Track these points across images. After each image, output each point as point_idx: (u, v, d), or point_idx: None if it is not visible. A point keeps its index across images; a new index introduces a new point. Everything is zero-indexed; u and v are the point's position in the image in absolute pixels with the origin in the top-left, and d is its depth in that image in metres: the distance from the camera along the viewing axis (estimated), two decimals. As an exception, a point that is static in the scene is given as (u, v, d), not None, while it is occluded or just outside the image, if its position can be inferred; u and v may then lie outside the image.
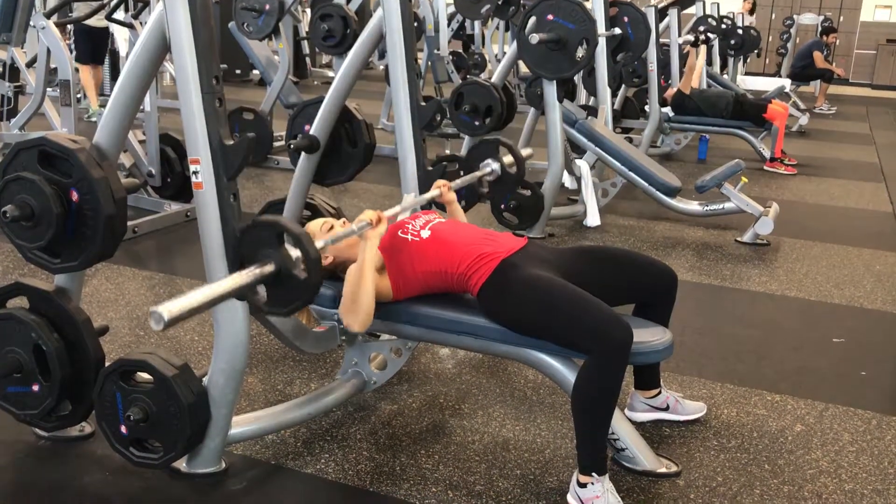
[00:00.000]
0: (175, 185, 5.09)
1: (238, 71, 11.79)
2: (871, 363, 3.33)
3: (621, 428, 2.41)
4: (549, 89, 4.76)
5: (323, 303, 2.57)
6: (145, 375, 2.23)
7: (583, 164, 5.24)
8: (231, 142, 2.13)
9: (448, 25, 8.46)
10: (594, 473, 2.19)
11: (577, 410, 2.21)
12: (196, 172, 2.14)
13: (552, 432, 2.66)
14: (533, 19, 4.56)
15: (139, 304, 3.62)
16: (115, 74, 8.36)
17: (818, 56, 11.34)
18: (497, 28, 10.83)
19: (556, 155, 4.83)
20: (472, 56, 10.18)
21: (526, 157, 3.08)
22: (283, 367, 3.05)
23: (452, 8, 7.85)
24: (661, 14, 7.52)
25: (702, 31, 8.55)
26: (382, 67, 9.18)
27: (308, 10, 11.35)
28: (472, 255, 2.37)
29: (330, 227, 2.56)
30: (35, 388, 2.36)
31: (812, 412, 2.87)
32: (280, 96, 6.05)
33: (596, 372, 2.17)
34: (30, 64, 5.66)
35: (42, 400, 2.35)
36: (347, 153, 3.64)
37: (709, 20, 9.03)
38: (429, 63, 7.48)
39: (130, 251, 4.34)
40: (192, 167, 2.14)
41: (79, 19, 6.71)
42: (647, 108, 7.33)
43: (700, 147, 7.73)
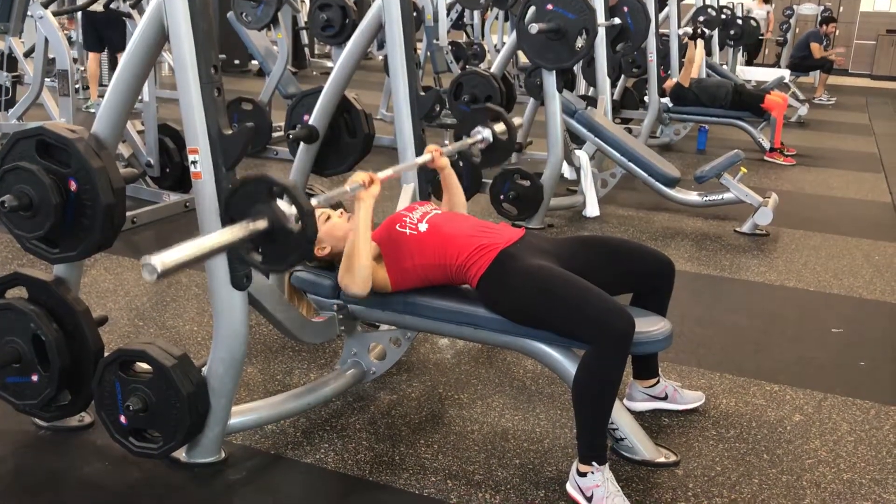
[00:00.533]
0: (174, 176, 5.08)
1: (237, 61, 11.76)
2: (870, 353, 3.34)
3: (620, 418, 2.41)
4: (549, 79, 4.75)
5: (322, 293, 2.57)
6: (144, 365, 2.23)
7: (582, 155, 5.23)
8: (230, 132, 2.13)
9: (447, 15, 8.44)
10: (594, 463, 2.19)
11: (577, 400, 2.21)
12: (195, 162, 2.13)
13: (551, 422, 2.66)
14: (532, 9, 4.55)
15: (138, 295, 3.62)
16: (114, 65, 8.34)
17: (815, 47, 11.33)
18: (496, 18, 10.80)
19: (556, 145, 4.82)
20: (471, 46, 10.15)
21: (517, 126, 3.06)
22: (282, 357, 3.05)
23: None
24: (661, 4, 7.50)
25: (701, 22, 8.53)
26: (381, 57, 9.15)
27: (307, 0, 11.32)
28: (471, 247, 2.37)
29: (327, 218, 2.56)
30: (34, 378, 2.36)
31: (811, 402, 2.87)
32: (279, 86, 6.04)
33: (597, 362, 2.17)
34: (28, 53, 5.65)
35: (41, 390, 2.36)
36: (346, 143, 3.63)
37: (708, 10, 9.00)
38: (428, 53, 7.46)
39: (129, 241, 4.33)
40: (191, 157, 2.13)
41: (77, 8, 6.69)
42: (646, 98, 7.32)
43: (699, 137, 7.72)
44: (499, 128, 2.95)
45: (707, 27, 8.49)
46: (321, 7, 6.21)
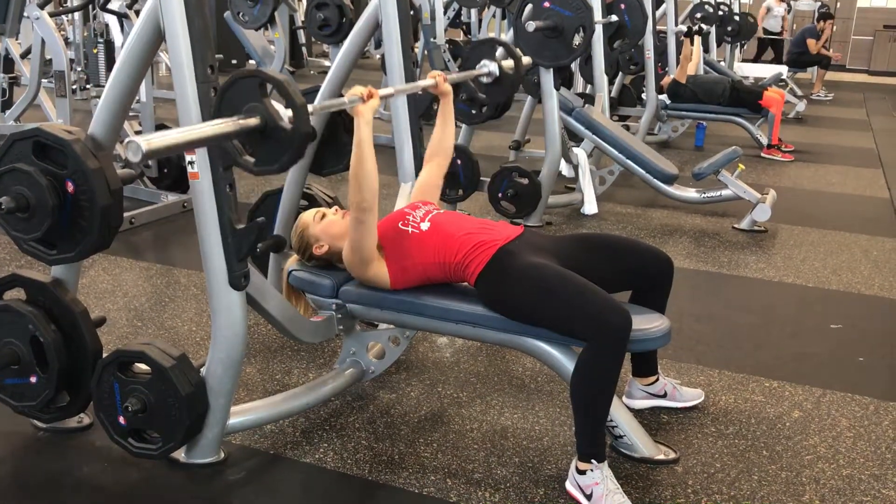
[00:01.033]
0: (172, 176, 5.08)
1: (234, 61, 11.74)
2: (869, 349, 3.34)
3: (619, 415, 2.41)
4: (546, 77, 4.75)
5: (320, 292, 2.57)
6: (143, 366, 2.23)
7: (580, 153, 5.23)
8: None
9: (444, 13, 8.42)
10: (593, 460, 2.19)
11: (576, 398, 2.21)
12: (192, 163, 2.13)
13: (550, 420, 2.66)
14: (529, 7, 4.54)
15: (136, 295, 3.62)
16: (111, 64, 8.33)
17: (811, 43, 11.33)
18: (493, 16, 10.79)
19: (554, 143, 4.82)
20: (468, 44, 10.14)
21: (526, 66, 3.00)
22: (281, 356, 3.05)
23: (448, -4, 7.81)
24: (658, 1, 7.49)
25: (698, 19, 8.52)
26: (379, 56, 9.15)
27: (304, -1, 11.32)
28: (470, 244, 2.37)
29: (322, 216, 2.56)
30: (33, 379, 2.36)
31: (810, 398, 2.88)
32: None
33: (595, 359, 2.17)
34: (24, 55, 5.65)
35: (40, 391, 2.35)
36: (344, 142, 3.62)
37: (705, 6, 9.00)
38: (425, 51, 7.45)
39: (128, 242, 4.33)
40: (188, 157, 2.13)
41: (75, 9, 6.68)
42: (643, 95, 7.31)
43: (697, 134, 7.72)
44: (506, 63, 2.90)
45: (704, 23, 8.48)
46: (318, 6, 6.21)
